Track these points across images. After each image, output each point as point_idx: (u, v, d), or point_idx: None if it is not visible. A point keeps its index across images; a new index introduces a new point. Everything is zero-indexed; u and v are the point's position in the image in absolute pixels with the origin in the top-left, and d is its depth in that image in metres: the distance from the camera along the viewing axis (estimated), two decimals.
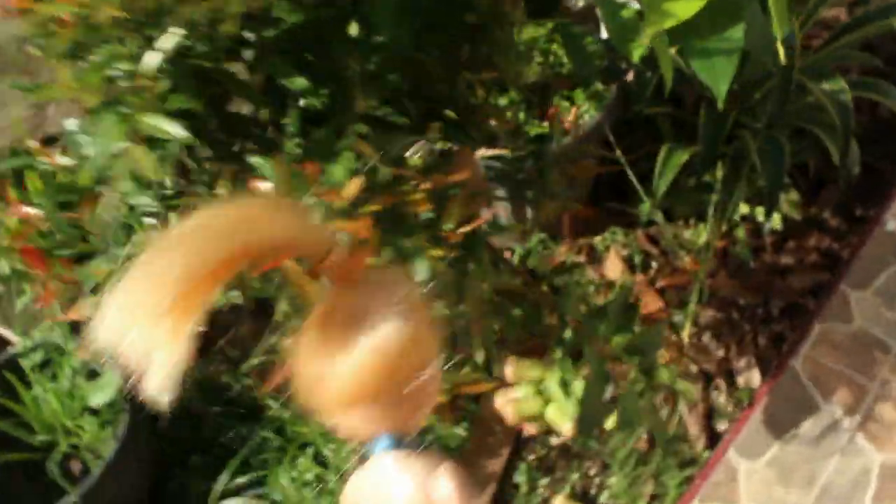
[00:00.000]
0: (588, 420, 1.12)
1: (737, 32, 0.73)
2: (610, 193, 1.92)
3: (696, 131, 1.62)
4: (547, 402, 1.16)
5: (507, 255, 1.87)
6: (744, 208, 1.86)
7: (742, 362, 1.75)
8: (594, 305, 1.16)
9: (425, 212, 0.72)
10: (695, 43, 0.74)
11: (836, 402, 1.48)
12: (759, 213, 1.84)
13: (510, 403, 1.16)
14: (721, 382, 1.73)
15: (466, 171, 1.01)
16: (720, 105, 0.69)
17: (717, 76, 0.74)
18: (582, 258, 1.92)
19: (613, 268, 1.89)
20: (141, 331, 0.39)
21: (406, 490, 0.49)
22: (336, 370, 0.47)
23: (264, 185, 0.72)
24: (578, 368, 1.15)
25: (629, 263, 1.91)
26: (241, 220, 0.44)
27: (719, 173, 1.74)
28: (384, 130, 0.71)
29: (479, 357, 1.28)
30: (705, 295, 1.83)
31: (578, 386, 1.11)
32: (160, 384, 0.40)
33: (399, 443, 0.50)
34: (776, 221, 1.84)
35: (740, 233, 1.87)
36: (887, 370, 1.48)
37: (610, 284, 1.87)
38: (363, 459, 0.52)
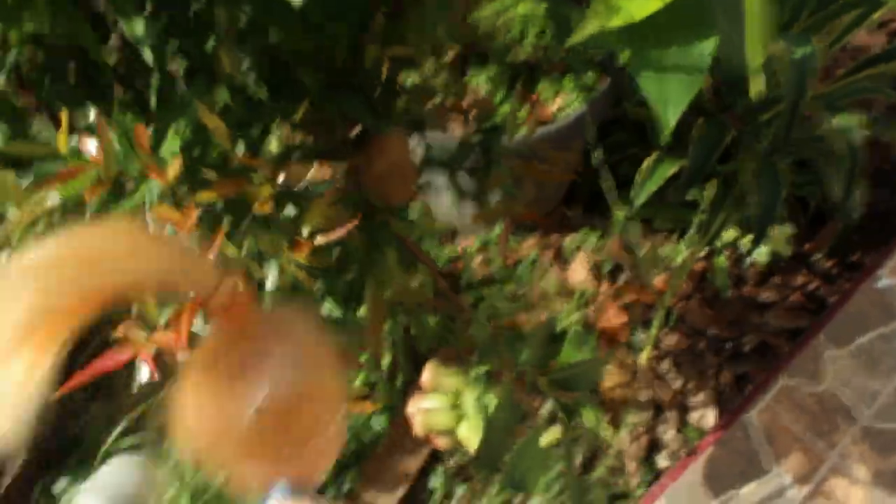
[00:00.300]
0: (489, 453, 0.99)
1: (706, 47, 0.58)
2: (589, 194, 1.77)
3: (689, 142, 1.46)
4: (460, 417, 1.04)
5: (463, 244, 1.73)
6: (730, 234, 1.71)
7: (699, 398, 1.61)
8: (519, 329, 1.02)
9: (283, 211, 0.58)
10: (648, 53, 0.59)
11: (788, 468, 1.34)
12: (746, 242, 1.69)
13: (421, 413, 1.04)
14: (672, 416, 1.60)
15: (389, 155, 0.87)
16: (662, 140, 0.54)
17: (669, 99, 0.59)
18: (548, 256, 1.77)
19: (578, 273, 1.75)
20: None
21: None
22: (228, 419, 0.43)
23: (91, 142, 0.58)
24: (496, 390, 1.02)
25: (597, 271, 1.76)
26: (104, 250, 0.38)
27: (708, 192, 1.59)
28: (246, 104, 0.57)
29: (385, 361, 1.15)
30: (673, 318, 1.69)
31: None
32: (8, 423, 0.35)
33: (297, 491, 0.47)
34: (762, 254, 1.69)
35: (721, 259, 1.73)
36: (849, 441, 1.33)
37: (570, 292, 1.72)
38: None
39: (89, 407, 1.62)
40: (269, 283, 0.60)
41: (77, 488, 1.47)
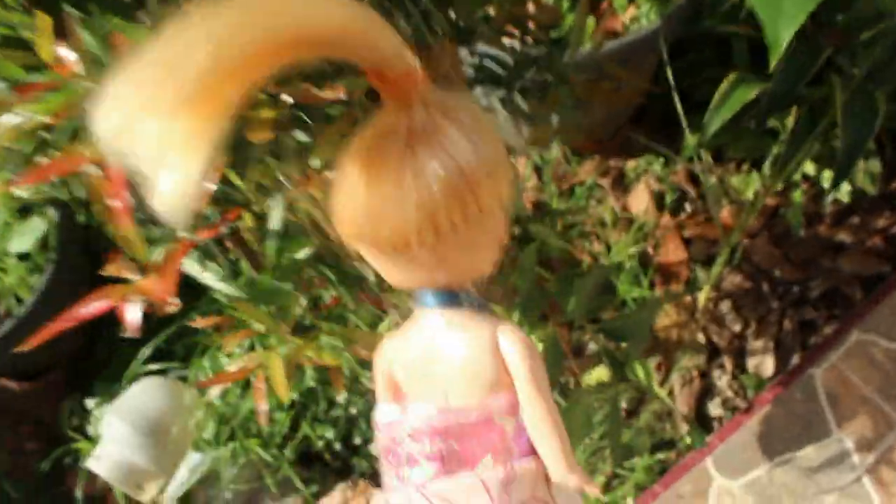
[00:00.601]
0: None
1: None
2: (657, 118, 1.62)
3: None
4: None
5: (521, 161, 1.61)
6: (809, 167, 1.56)
7: (758, 344, 1.50)
8: (573, 269, 0.91)
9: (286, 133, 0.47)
10: None
11: (851, 432, 1.22)
12: (827, 177, 1.54)
13: None
14: (728, 361, 1.49)
15: (431, 71, 0.75)
16: (771, 62, 0.42)
17: (782, 13, 0.46)
18: (607, 182, 1.64)
19: (639, 201, 1.62)
20: (151, 128, 0.31)
21: (462, 353, 0.43)
22: (396, 200, 0.38)
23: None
24: (540, 332, 0.92)
25: (659, 201, 1.63)
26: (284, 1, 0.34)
27: (790, 120, 1.43)
28: None
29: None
30: (738, 256, 1.56)
31: None
32: (172, 197, 0.31)
33: (452, 298, 0.43)
34: (844, 192, 1.54)
35: (797, 195, 1.58)
36: None
37: (630, 221, 1.60)
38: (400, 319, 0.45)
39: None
40: (274, 221, 0.51)
41: (104, 409, 1.42)
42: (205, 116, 0.32)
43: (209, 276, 0.61)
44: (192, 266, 0.59)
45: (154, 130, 0.31)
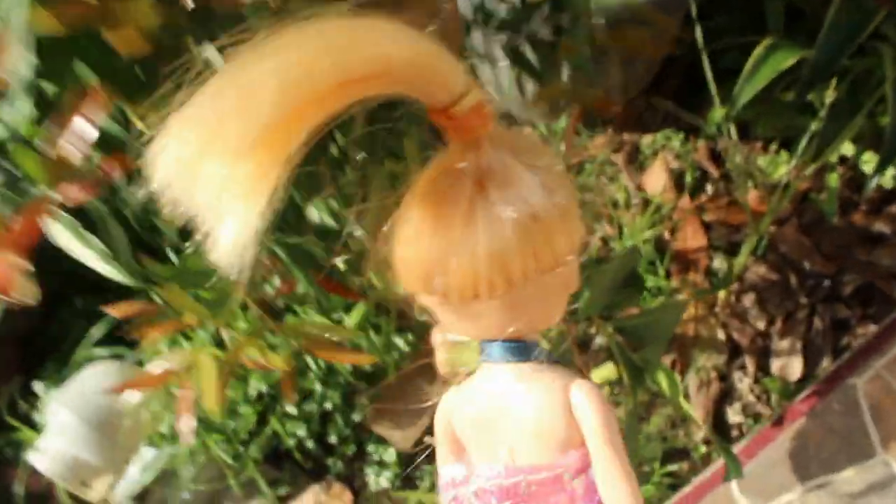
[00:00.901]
0: None
1: None
2: (679, 87, 1.46)
3: (816, 29, 1.14)
4: None
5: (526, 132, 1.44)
6: (847, 148, 1.40)
7: (784, 344, 1.34)
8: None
9: None
10: None
11: None
12: (869, 161, 1.38)
13: (445, 345, 0.81)
14: (750, 362, 1.34)
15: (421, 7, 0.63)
16: None
17: None
18: (619, 158, 1.48)
19: (655, 180, 1.45)
20: (213, 172, 0.29)
21: (532, 408, 0.40)
22: (466, 246, 0.36)
23: None
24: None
25: (678, 181, 1.47)
26: (354, 38, 0.31)
27: (829, 94, 1.27)
28: None
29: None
30: (763, 245, 1.41)
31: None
32: (233, 246, 0.29)
33: (521, 350, 0.40)
34: (888, 177, 1.38)
35: (833, 178, 1.41)
36: None
37: (645, 202, 1.44)
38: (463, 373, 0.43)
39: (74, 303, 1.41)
40: None
41: (51, 393, 1.27)
42: (269, 159, 0.30)
43: (87, 253, 0.46)
44: (64, 236, 0.44)
45: (216, 175, 0.29)
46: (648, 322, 0.82)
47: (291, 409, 1.25)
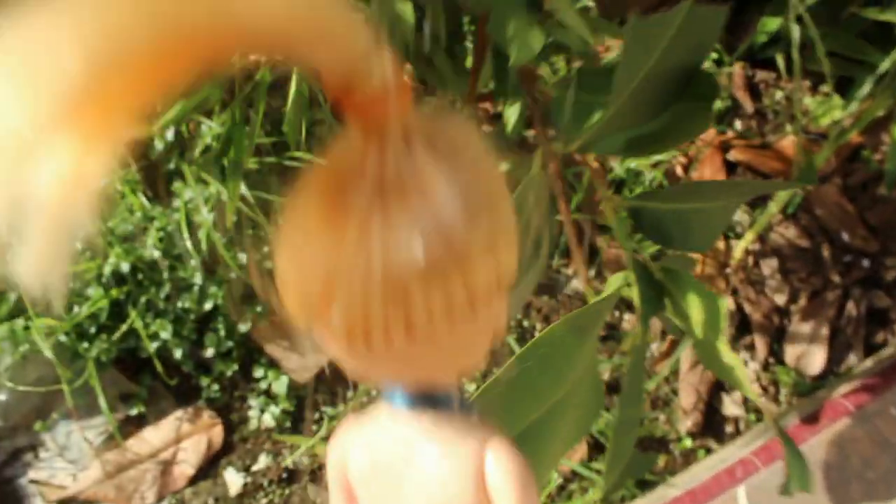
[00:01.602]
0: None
1: None
2: None
3: None
4: None
5: None
6: None
7: (805, 328, 1.06)
8: None
9: None
10: None
11: None
12: None
13: None
14: (761, 343, 1.05)
15: None
16: None
17: None
18: None
19: None
20: (12, 148, 0.21)
21: (438, 469, 0.34)
22: (354, 271, 0.27)
23: None
24: None
25: None
26: None
27: None
28: None
29: None
30: (795, 203, 1.12)
31: None
32: (36, 265, 0.21)
33: (427, 401, 0.33)
34: None
35: None
36: None
37: None
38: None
39: None
40: None
41: None
42: (91, 136, 0.21)
43: None
44: None
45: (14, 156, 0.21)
46: (684, 213, 0.52)
47: (159, 300, 0.93)
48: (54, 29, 0.22)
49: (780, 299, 1.07)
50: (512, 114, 0.59)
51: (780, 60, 1.17)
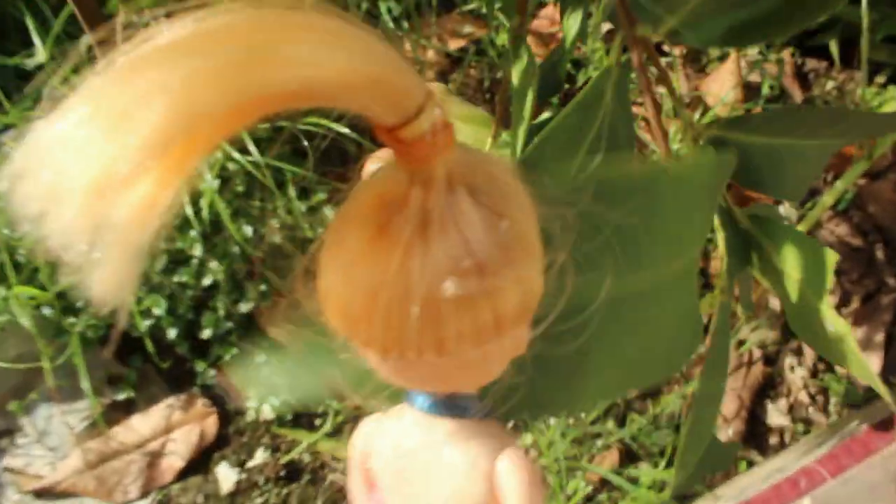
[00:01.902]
0: None
1: None
2: None
3: None
4: None
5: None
6: None
7: (858, 333, 0.97)
8: None
9: None
10: None
11: None
12: None
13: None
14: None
15: None
16: None
17: None
18: (678, 51, 1.10)
19: (720, 85, 1.07)
20: (87, 201, 0.23)
21: (452, 471, 0.37)
22: (394, 295, 0.29)
23: None
24: None
25: (748, 94, 1.09)
26: (281, 37, 0.25)
27: None
28: None
29: None
30: (847, 199, 1.04)
31: None
32: (108, 284, 0.23)
33: (450, 408, 0.36)
34: None
35: None
36: None
37: (698, 102, 1.06)
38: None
39: None
40: None
41: None
42: (154, 190, 0.24)
43: None
44: None
45: (88, 207, 0.23)
46: (775, 149, 0.43)
47: (153, 273, 0.84)
48: (149, 84, 0.23)
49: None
50: (572, 24, 0.50)
51: (834, 48, 1.09)
